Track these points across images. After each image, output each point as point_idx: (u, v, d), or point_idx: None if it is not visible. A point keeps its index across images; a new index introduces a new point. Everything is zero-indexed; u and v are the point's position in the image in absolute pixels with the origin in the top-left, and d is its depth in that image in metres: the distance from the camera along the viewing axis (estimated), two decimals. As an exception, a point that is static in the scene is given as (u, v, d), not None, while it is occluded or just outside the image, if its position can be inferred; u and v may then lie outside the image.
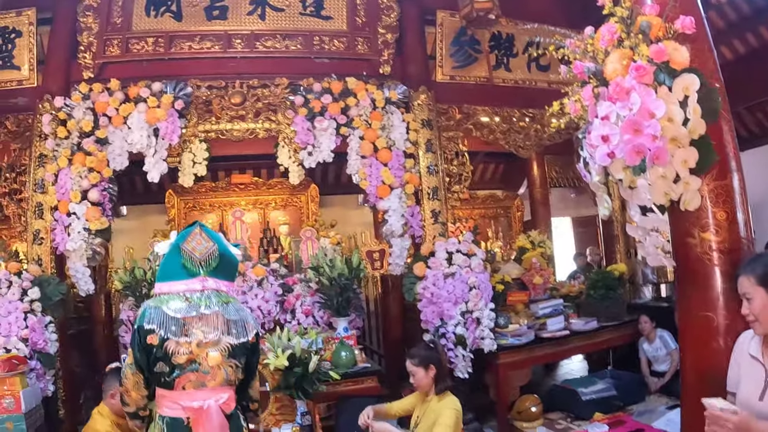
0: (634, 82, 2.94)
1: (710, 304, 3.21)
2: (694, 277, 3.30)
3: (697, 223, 3.22)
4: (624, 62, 3.05)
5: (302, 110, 6.82)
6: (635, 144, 2.86)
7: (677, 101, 2.94)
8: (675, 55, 3.01)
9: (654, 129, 2.83)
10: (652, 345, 7.51)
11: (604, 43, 3.19)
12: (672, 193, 3.02)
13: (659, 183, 2.98)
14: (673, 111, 2.91)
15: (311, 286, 6.56)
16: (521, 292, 7.32)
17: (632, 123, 2.86)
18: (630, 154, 2.88)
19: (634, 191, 3.12)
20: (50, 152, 6.52)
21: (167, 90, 6.64)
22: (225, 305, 3.21)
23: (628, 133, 2.87)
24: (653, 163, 2.88)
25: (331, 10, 7.39)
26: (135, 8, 7.08)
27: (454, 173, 7.42)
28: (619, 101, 2.96)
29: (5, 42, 6.87)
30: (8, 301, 5.68)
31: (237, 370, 3.18)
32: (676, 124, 2.91)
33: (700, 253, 3.23)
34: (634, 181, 3.05)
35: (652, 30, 3.10)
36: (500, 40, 7.97)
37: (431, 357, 4.38)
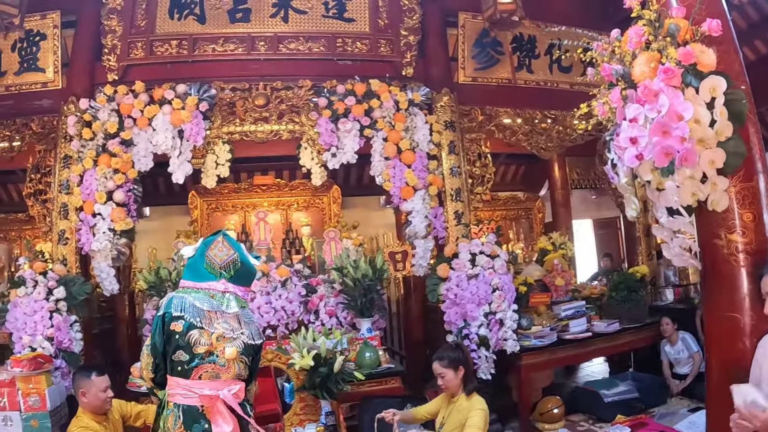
0: (662, 84, 2.95)
1: (736, 305, 3.21)
2: (720, 279, 3.30)
3: (723, 225, 3.23)
4: (652, 65, 3.06)
5: (326, 112, 6.84)
6: (664, 146, 2.86)
7: (704, 103, 2.95)
8: (702, 58, 3.02)
9: (682, 131, 2.83)
10: (674, 347, 7.47)
11: (631, 45, 3.20)
12: (700, 194, 3.02)
13: (687, 184, 2.98)
14: (700, 113, 2.91)
15: (335, 287, 6.58)
16: (543, 294, 7.31)
17: (661, 125, 2.87)
18: (659, 155, 2.88)
19: (661, 193, 3.12)
20: (75, 153, 6.58)
21: (191, 92, 6.70)
22: (242, 308, 3.45)
23: (656, 135, 2.88)
24: (682, 164, 2.89)
25: (354, 12, 7.42)
26: (158, 11, 7.15)
27: (477, 175, 7.42)
28: (648, 103, 2.97)
29: (30, 45, 6.96)
30: (34, 301, 5.75)
31: (246, 368, 3.40)
32: (703, 125, 2.91)
33: (727, 255, 3.23)
34: (662, 182, 3.06)
35: (680, 32, 3.11)
36: (522, 41, 7.97)
37: (460, 358, 4.38)
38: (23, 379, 5.01)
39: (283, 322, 6.46)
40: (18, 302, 5.80)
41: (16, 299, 5.84)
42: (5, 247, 11.08)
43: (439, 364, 4.36)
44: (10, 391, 5.00)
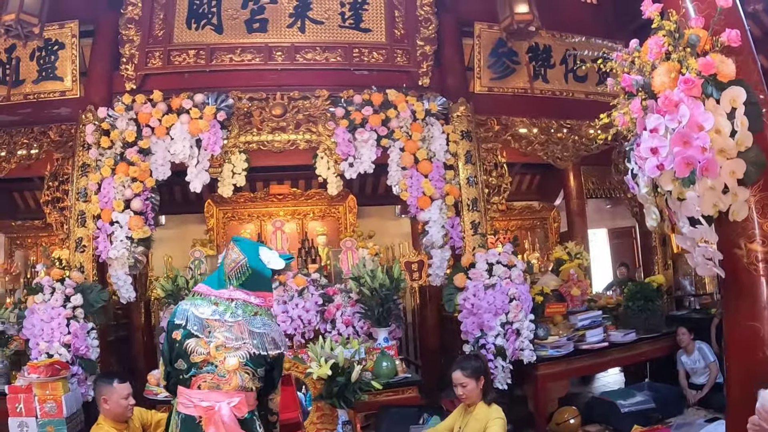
0: (683, 94, 2.95)
1: (757, 314, 3.20)
2: (740, 288, 3.30)
3: (743, 234, 3.23)
4: (672, 75, 3.06)
5: (343, 122, 6.88)
6: (685, 156, 2.86)
7: (725, 113, 2.95)
8: (722, 68, 3.02)
9: (703, 141, 2.84)
10: (691, 357, 7.44)
11: (651, 56, 3.20)
12: (721, 204, 3.02)
13: (708, 194, 2.98)
14: (720, 123, 2.92)
15: (351, 296, 6.60)
16: (559, 304, 7.30)
17: (682, 135, 2.87)
18: (680, 166, 2.88)
19: (683, 203, 3.12)
20: (93, 162, 6.64)
21: (209, 101, 6.74)
22: (252, 317, 3.32)
23: (677, 145, 2.89)
24: (703, 174, 2.89)
25: (370, 22, 7.46)
26: (176, 21, 7.21)
27: (493, 184, 7.41)
28: (668, 114, 2.97)
29: (48, 54, 7.05)
30: (51, 307, 5.79)
31: (254, 379, 3.28)
32: (724, 136, 2.91)
33: (747, 264, 3.23)
34: (683, 192, 3.06)
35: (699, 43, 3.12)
36: (538, 51, 7.98)
37: (480, 368, 4.39)
38: (40, 386, 5.05)
39: (299, 331, 6.48)
40: (35, 309, 5.84)
41: (33, 306, 5.88)
42: (22, 253, 11.18)
43: (461, 373, 4.35)
44: (26, 397, 5.04)
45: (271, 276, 3.51)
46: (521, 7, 6.17)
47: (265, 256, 3.47)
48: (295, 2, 7.33)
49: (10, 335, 6.29)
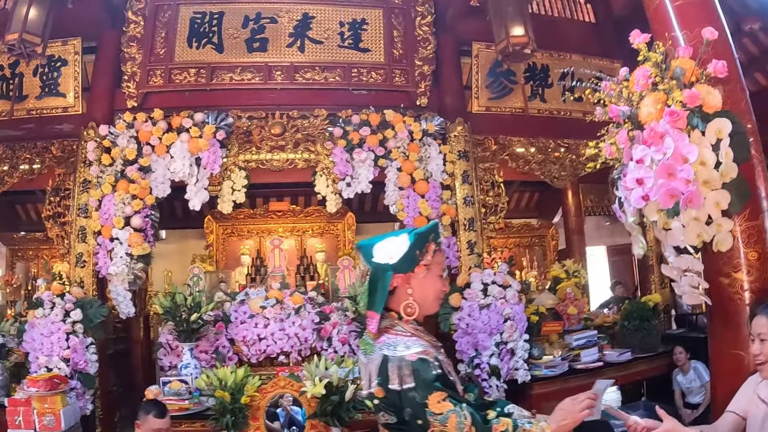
0: (668, 126, 3.01)
1: (741, 342, 3.26)
2: (726, 316, 3.36)
3: (729, 263, 3.29)
4: (658, 106, 3.12)
5: (341, 142, 6.94)
6: (669, 188, 2.92)
7: (710, 145, 3.01)
8: (708, 99, 3.08)
9: (687, 173, 2.89)
10: (686, 377, 7.45)
11: (638, 87, 3.26)
12: (705, 235, 3.07)
13: (692, 225, 3.04)
14: (705, 155, 2.98)
15: (348, 315, 6.63)
16: (556, 322, 7.30)
17: (666, 167, 2.93)
18: (664, 197, 2.94)
19: (668, 233, 3.18)
20: (94, 178, 6.69)
21: (209, 120, 6.81)
22: (367, 355, 2.64)
23: (662, 177, 2.94)
24: (686, 206, 2.94)
25: (369, 42, 7.54)
26: (177, 40, 7.30)
27: (490, 204, 7.44)
28: (654, 145, 3.03)
29: (51, 70, 7.13)
30: (51, 322, 5.83)
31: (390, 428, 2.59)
32: (708, 167, 2.97)
33: (732, 293, 3.29)
34: (668, 222, 3.11)
35: (686, 75, 3.17)
36: (535, 70, 8.04)
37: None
38: (39, 399, 5.10)
39: (296, 348, 6.52)
40: (35, 323, 5.88)
41: (33, 320, 5.92)
42: (23, 265, 11.24)
43: None
44: (25, 410, 5.10)
45: (389, 277, 2.61)
46: (517, 30, 6.21)
47: (382, 252, 2.66)
48: (295, 22, 7.41)
49: (10, 348, 6.34)
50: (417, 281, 2.60)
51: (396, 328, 2.59)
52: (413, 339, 2.52)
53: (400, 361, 2.43)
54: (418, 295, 2.62)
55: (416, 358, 2.42)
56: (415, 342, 2.51)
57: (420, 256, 2.60)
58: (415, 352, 2.44)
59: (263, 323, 6.53)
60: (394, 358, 2.45)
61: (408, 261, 2.58)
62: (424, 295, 2.63)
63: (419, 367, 2.40)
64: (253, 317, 6.58)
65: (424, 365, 2.41)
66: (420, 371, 2.39)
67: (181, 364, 6.12)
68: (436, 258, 2.65)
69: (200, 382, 5.53)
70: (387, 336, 2.56)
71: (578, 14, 8.93)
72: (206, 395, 5.55)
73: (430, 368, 2.41)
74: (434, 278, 2.67)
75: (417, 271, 2.60)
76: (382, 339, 2.56)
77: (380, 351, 2.52)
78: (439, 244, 2.71)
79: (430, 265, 2.61)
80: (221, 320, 6.58)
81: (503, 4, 6.35)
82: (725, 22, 3.74)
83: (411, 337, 2.54)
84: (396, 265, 2.57)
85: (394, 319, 2.61)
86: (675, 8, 3.70)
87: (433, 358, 2.46)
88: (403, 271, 2.59)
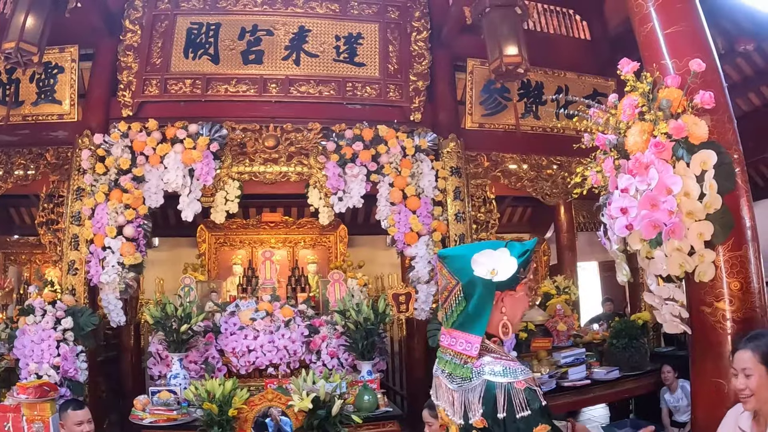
0: (653, 157, 3.04)
1: (722, 371, 3.29)
2: (707, 345, 3.38)
3: (711, 293, 3.31)
4: (644, 136, 3.16)
5: (334, 156, 6.98)
6: (652, 219, 2.95)
7: (694, 176, 3.04)
8: (694, 130, 3.12)
9: (670, 205, 2.93)
10: (674, 395, 7.45)
11: (625, 117, 3.29)
12: (687, 265, 3.10)
13: (675, 255, 3.07)
14: (689, 186, 3.01)
15: (337, 329, 6.65)
16: (545, 339, 7.33)
17: (650, 198, 2.96)
18: (647, 228, 2.97)
19: (651, 261, 3.20)
20: (88, 187, 6.72)
21: (203, 132, 6.84)
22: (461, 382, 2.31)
23: (645, 208, 2.97)
24: (669, 236, 2.97)
25: (364, 56, 7.58)
26: (174, 50, 7.34)
27: (482, 220, 7.48)
28: (639, 175, 3.06)
29: (48, 77, 7.15)
30: (42, 329, 5.87)
31: None
32: (692, 198, 3.01)
33: (714, 322, 3.31)
34: (651, 252, 3.14)
35: (673, 105, 3.21)
36: (529, 87, 8.08)
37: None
38: (28, 406, 5.14)
39: (285, 360, 6.54)
40: (26, 330, 5.93)
41: (24, 326, 5.97)
42: (15, 269, 11.24)
43: (428, 413, 4.36)
44: (15, 417, 5.13)
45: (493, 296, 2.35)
46: (511, 50, 6.23)
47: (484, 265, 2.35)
48: (291, 35, 7.46)
49: (0, 353, 6.37)
50: (512, 300, 2.37)
51: (491, 350, 2.31)
52: (514, 364, 2.24)
53: (510, 388, 2.16)
54: (510, 314, 2.38)
55: (524, 386, 2.15)
56: (517, 367, 2.21)
57: (522, 274, 2.37)
58: (523, 380, 2.17)
59: (253, 335, 6.56)
60: (500, 385, 2.18)
61: (514, 278, 2.34)
62: (514, 314, 2.40)
63: (530, 397, 2.13)
64: (243, 329, 6.61)
65: (533, 394, 2.14)
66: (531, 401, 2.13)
67: (171, 374, 6.15)
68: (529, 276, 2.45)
69: (188, 394, 5.54)
70: (487, 359, 2.26)
71: (574, 32, 8.94)
72: (194, 406, 5.57)
73: (538, 398, 2.15)
74: (525, 297, 2.46)
75: (518, 289, 2.39)
76: (480, 362, 2.26)
77: (480, 376, 2.23)
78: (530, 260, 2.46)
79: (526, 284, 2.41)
80: (211, 331, 6.61)
81: (497, 23, 6.38)
82: (719, 43, 3.80)
83: (510, 362, 2.25)
84: (503, 282, 2.32)
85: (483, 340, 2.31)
86: (665, 36, 3.72)
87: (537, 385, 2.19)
88: (506, 288, 2.36)
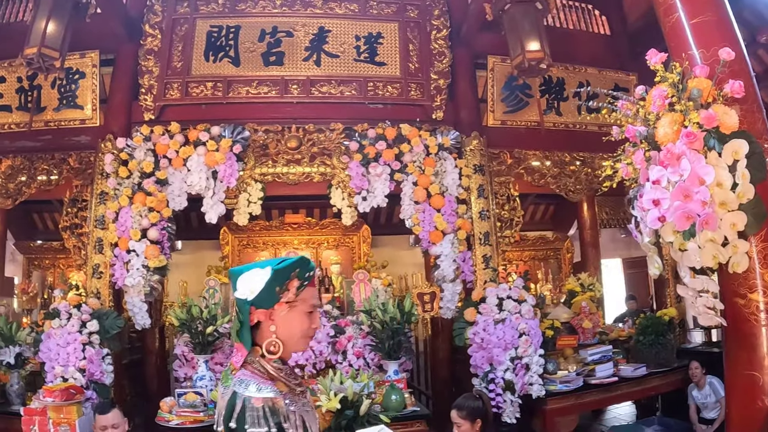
0: (685, 147, 3.00)
1: (756, 363, 3.25)
2: (741, 337, 3.33)
3: (745, 284, 3.26)
4: (675, 127, 3.12)
5: (357, 156, 6.98)
6: (685, 210, 2.91)
7: (726, 166, 3.00)
8: (725, 119, 3.07)
9: (703, 195, 2.89)
10: (702, 392, 7.37)
11: (655, 108, 3.25)
12: (720, 256, 3.06)
13: (708, 247, 3.02)
14: (722, 176, 2.97)
15: (363, 329, 6.64)
16: (570, 336, 7.28)
17: (682, 189, 2.93)
18: (680, 219, 2.93)
19: (684, 254, 3.16)
20: (111, 190, 6.76)
21: (225, 134, 6.86)
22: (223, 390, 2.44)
23: (678, 199, 2.93)
24: (702, 228, 2.93)
25: (385, 56, 7.58)
26: (194, 53, 7.38)
27: (506, 218, 7.46)
28: (670, 166, 3.02)
29: (69, 82, 7.23)
30: (67, 333, 5.88)
31: None
32: (725, 188, 2.96)
33: (748, 314, 3.26)
34: (684, 244, 3.10)
35: (702, 95, 3.17)
36: (551, 84, 8.06)
37: (478, 410, 4.31)
38: (54, 409, 5.15)
39: (311, 361, 6.53)
40: (52, 333, 5.94)
41: (50, 330, 5.98)
42: (39, 274, 11.31)
43: (457, 414, 4.32)
44: (41, 419, 5.15)
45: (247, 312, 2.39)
46: (532, 45, 6.21)
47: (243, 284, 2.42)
48: (311, 36, 7.48)
49: (26, 357, 6.40)
50: (280, 318, 2.37)
51: (254, 366, 2.34)
52: (268, 383, 2.29)
53: (246, 401, 2.23)
54: (283, 332, 2.37)
55: (261, 403, 2.22)
56: (268, 387, 2.27)
57: (280, 293, 2.36)
58: (263, 397, 2.23)
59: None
60: (240, 396, 2.25)
61: (267, 297, 2.35)
62: (289, 333, 2.38)
63: (259, 417, 2.20)
64: (268, 330, 6.59)
65: (265, 414, 2.20)
66: (256, 420, 2.19)
67: (197, 375, 6.17)
68: (302, 294, 2.41)
69: (215, 395, 5.56)
70: (243, 372, 2.33)
71: (593, 27, 8.92)
72: (221, 408, 5.58)
73: (271, 421, 2.19)
74: (300, 316, 2.42)
75: (277, 308, 2.37)
76: (238, 374, 2.34)
77: (233, 386, 2.32)
78: (307, 279, 2.43)
79: (294, 303, 2.37)
80: (236, 332, 6.59)
81: (518, 18, 6.36)
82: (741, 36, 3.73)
83: (266, 380, 2.30)
84: (255, 300, 2.34)
85: (257, 355, 2.36)
86: (692, 27, 3.68)
87: (281, 407, 2.23)
88: (264, 307, 2.36)
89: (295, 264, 2.38)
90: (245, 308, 2.34)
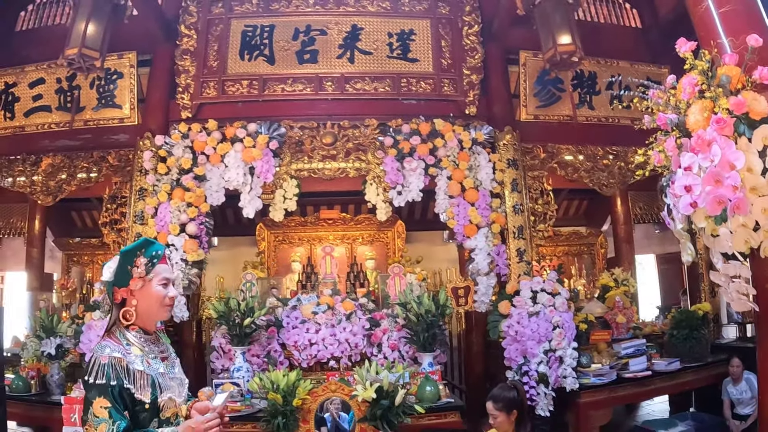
0: (715, 133, 3.03)
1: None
2: (773, 322, 3.34)
3: (777, 269, 3.26)
4: (705, 114, 3.15)
5: (391, 151, 7.07)
6: (716, 195, 2.94)
7: (756, 151, 3.02)
8: (754, 105, 3.09)
9: (734, 180, 2.91)
10: (737, 387, 7.30)
11: (685, 95, 3.29)
12: (752, 241, 3.07)
13: (740, 231, 3.04)
14: (752, 161, 2.98)
15: (398, 321, 6.72)
16: (604, 331, 7.25)
17: (713, 174, 2.95)
18: (711, 204, 2.96)
19: (716, 239, 3.18)
20: (150, 186, 6.92)
21: (262, 130, 7.00)
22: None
23: (709, 184, 2.96)
24: (734, 212, 2.96)
25: (418, 52, 7.66)
26: (230, 52, 7.53)
27: (539, 212, 7.49)
28: (701, 153, 3.05)
29: (108, 83, 7.42)
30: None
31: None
32: (755, 174, 2.98)
33: (780, 299, 3.27)
34: (716, 229, 3.12)
35: (732, 82, 3.20)
36: (583, 78, 8.05)
37: (515, 401, 4.24)
38: (94, 398, 5.27)
39: (346, 354, 6.63)
40: (92, 325, 6.10)
41: (90, 322, 6.15)
42: (78, 269, 11.51)
43: (493, 405, 4.25)
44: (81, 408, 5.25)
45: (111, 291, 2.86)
46: (564, 39, 6.23)
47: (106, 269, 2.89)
48: (344, 34, 7.59)
49: (66, 348, 6.56)
50: (138, 293, 2.80)
51: (116, 335, 2.75)
52: (120, 346, 2.68)
53: (96, 358, 2.61)
54: (142, 304, 2.80)
55: (107, 360, 2.60)
56: (118, 348, 2.66)
57: (132, 271, 2.79)
58: (108, 355, 2.62)
59: (315, 328, 6.65)
60: (94, 356, 2.64)
61: (122, 276, 2.79)
62: (148, 303, 2.81)
63: (103, 370, 2.58)
64: (304, 322, 6.70)
65: (108, 369, 2.58)
66: (99, 373, 2.58)
67: (234, 367, 6.27)
68: (154, 270, 2.85)
69: (253, 385, 5.66)
70: (106, 339, 2.73)
71: (624, 20, 8.89)
72: (258, 397, 5.68)
73: (112, 375, 2.58)
74: (154, 288, 2.84)
75: (132, 284, 2.79)
76: (102, 341, 2.72)
77: (94, 349, 2.70)
78: (156, 257, 2.88)
79: (146, 277, 2.80)
80: (273, 325, 6.71)
81: (549, 12, 6.38)
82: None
83: (119, 345, 2.69)
84: (115, 281, 2.79)
85: (122, 327, 2.78)
86: (720, 15, 3.70)
87: (123, 367, 2.61)
88: (123, 285, 2.80)
89: (140, 245, 2.87)
90: (110, 289, 2.82)
